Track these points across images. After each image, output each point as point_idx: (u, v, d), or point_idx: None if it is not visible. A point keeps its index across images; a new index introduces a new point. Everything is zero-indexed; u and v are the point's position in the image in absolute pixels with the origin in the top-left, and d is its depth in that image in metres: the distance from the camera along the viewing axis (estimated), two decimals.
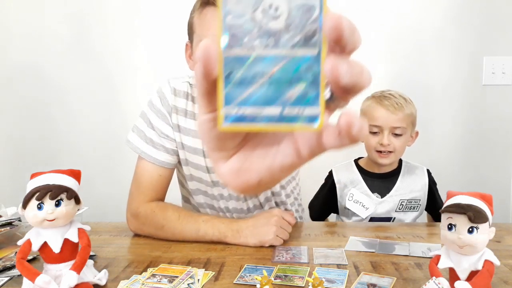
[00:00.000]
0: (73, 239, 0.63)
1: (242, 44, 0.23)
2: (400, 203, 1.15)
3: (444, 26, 1.71)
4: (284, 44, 0.23)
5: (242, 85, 0.23)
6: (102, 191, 1.76)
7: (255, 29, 0.23)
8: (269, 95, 0.23)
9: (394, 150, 1.12)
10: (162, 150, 0.99)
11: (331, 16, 0.22)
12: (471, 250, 0.56)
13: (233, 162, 0.27)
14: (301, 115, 0.23)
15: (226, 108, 0.23)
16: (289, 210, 1.18)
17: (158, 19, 1.74)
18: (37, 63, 1.78)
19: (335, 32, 0.21)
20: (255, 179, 0.27)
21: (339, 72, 0.21)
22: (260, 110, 0.23)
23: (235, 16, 0.23)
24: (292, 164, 0.26)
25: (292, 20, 0.23)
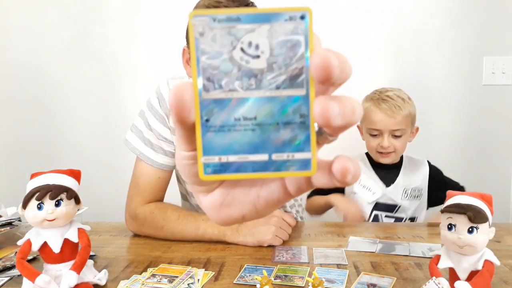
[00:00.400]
0: (73, 239, 0.63)
1: (220, 86, 0.21)
2: (404, 191, 1.19)
3: (444, 26, 1.71)
4: (268, 85, 0.21)
5: (223, 131, 0.21)
6: (102, 191, 1.76)
7: (234, 69, 0.21)
8: (254, 141, 0.21)
9: (394, 150, 1.14)
10: (161, 152, 0.99)
11: (319, 54, 0.20)
12: (471, 250, 0.56)
13: (214, 196, 0.26)
14: (291, 161, 0.21)
15: (206, 157, 0.21)
16: (289, 211, 1.18)
17: (158, 19, 1.74)
18: (37, 63, 1.78)
19: (323, 72, 0.20)
20: (238, 214, 0.26)
21: (330, 115, 0.20)
22: (244, 158, 0.21)
23: (210, 56, 0.21)
24: (278, 200, 0.25)
25: (275, 59, 0.21)
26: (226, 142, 0.21)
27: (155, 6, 1.74)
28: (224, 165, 0.21)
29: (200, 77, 0.21)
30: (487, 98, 1.72)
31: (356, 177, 0.21)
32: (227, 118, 0.21)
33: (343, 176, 0.21)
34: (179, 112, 0.21)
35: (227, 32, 0.21)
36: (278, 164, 0.21)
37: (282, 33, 0.20)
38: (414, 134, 1.21)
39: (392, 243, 0.88)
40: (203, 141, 0.21)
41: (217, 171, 0.22)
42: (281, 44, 0.21)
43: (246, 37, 0.21)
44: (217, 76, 0.21)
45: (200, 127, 0.21)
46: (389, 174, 1.21)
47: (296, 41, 0.20)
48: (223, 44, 0.21)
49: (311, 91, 0.21)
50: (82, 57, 1.77)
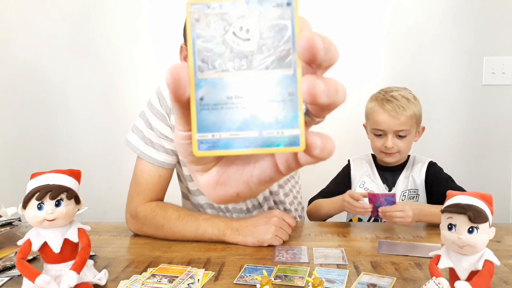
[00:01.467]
0: (73, 239, 0.63)
1: (213, 67, 0.22)
2: (402, 194, 1.18)
3: (444, 26, 1.71)
4: (258, 66, 0.22)
5: (216, 109, 0.23)
6: (102, 191, 1.76)
7: (227, 51, 0.22)
8: (245, 118, 0.22)
9: (399, 151, 1.14)
10: (162, 150, 0.99)
11: (304, 36, 0.21)
12: (471, 250, 0.56)
13: (211, 175, 0.27)
14: (281, 138, 0.22)
15: (200, 134, 0.23)
16: (288, 209, 1.18)
17: (159, 19, 1.74)
18: (38, 63, 1.78)
19: (308, 53, 0.21)
20: (233, 192, 0.27)
21: (316, 91, 0.21)
22: (236, 134, 0.23)
23: (205, 39, 0.22)
24: (270, 178, 0.26)
25: (265, 41, 0.22)
26: (219, 119, 0.23)
27: (156, 6, 1.74)
28: (217, 141, 0.23)
29: (195, 59, 0.23)
30: (487, 98, 1.73)
31: (326, 151, 0.22)
32: (220, 96, 0.22)
33: (309, 150, 0.22)
34: (176, 91, 0.22)
35: (220, 18, 0.22)
36: (268, 141, 0.23)
37: (270, 18, 0.22)
38: (420, 133, 1.20)
39: (392, 243, 0.89)
40: (197, 119, 0.23)
41: (210, 148, 0.23)
42: (269, 28, 0.22)
43: (237, 22, 0.22)
44: (211, 57, 0.22)
45: (194, 105, 0.23)
46: (393, 176, 1.21)
47: (283, 25, 0.22)
48: (217, 29, 0.22)
49: (298, 70, 0.22)
50: (83, 57, 1.77)
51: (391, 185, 1.21)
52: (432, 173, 1.18)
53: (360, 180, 1.22)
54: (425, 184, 1.18)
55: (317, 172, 1.26)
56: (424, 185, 1.18)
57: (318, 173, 1.25)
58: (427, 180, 1.17)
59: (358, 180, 1.23)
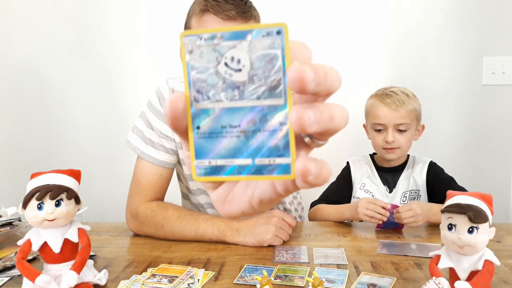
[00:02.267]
0: (73, 239, 0.63)
1: (208, 97, 0.23)
2: (403, 195, 1.17)
3: (444, 26, 1.71)
4: (249, 96, 0.23)
5: (212, 138, 0.23)
6: (102, 191, 1.76)
7: (220, 82, 0.23)
8: (239, 146, 0.23)
9: (399, 146, 1.13)
10: (162, 150, 0.99)
11: (294, 69, 0.21)
12: (471, 250, 0.56)
13: (218, 192, 0.28)
14: (272, 166, 0.23)
15: (198, 160, 0.24)
16: (288, 209, 1.18)
17: (158, 19, 1.74)
18: (37, 63, 1.78)
19: (298, 85, 0.21)
20: (238, 210, 0.28)
21: (305, 122, 0.21)
22: (231, 161, 0.23)
23: (199, 71, 0.23)
24: (270, 199, 0.26)
25: (255, 71, 0.22)
26: (215, 147, 0.24)
27: (155, 6, 1.74)
28: (214, 168, 0.24)
29: (191, 90, 0.23)
30: (487, 98, 1.73)
31: (321, 177, 0.22)
32: (215, 125, 0.23)
33: (304, 176, 0.22)
34: (174, 121, 0.23)
35: (212, 49, 0.23)
36: (261, 168, 0.23)
37: (260, 48, 0.22)
38: (420, 132, 1.20)
39: (392, 243, 0.89)
40: (195, 146, 0.24)
41: (208, 173, 0.24)
42: (260, 58, 0.22)
43: (229, 53, 0.23)
44: (205, 88, 0.23)
45: (192, 134, 0.24)
46: (393, 177, 1.20)
47: (274, 54, 0.22)
48: (209, 60, 0.23)
49: (289, 100, 0.22)
50: (83, 57, 1.77)
51: (391, 186, 1.20)
52: (433, 174, 1.17)
53: (361, 182, 1.21)
54: (427, 184, 1.17)
55: None
56: (425, 185, 1.17)
57: None
58: (428, 181, 1.17)
59: (358, 182, 1.22)
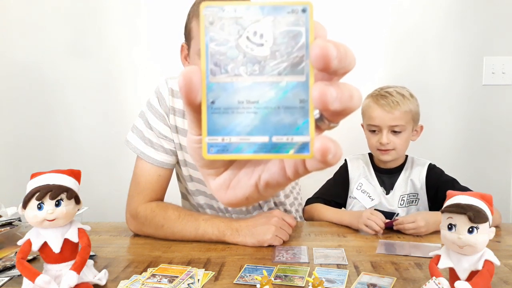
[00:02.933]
0: (73, 239, 0.63)
1: (226, 71, 0.22)
2: (401, 198, 1.16)
3: (444, 26, 1.71)
4: (270, 71, 0.22)
5: (227, 113, 0.23)
6: (102, 191, 1.76)
7: (240, 56, 0.22)
8: (255, 123, 0.23)
9: (394, 148, 1.12)
10: (161, 150, 0.99)
11: (318, 45, 0.21)
12: (471, 250, 0.56)
13: (222, 178, 0.28)
14: (290, 144, 0.22)
15: (210, 137, 0.23)
16: (289, 210, 1.18)
17: (158, 19, 1.74)
18: (37, 63, 1.78)
19: (321, 61, 0.21)
20: (243, 195, 0.27)
21: (328, 99, 0.21)
22: (246, 139, 0.23)
23: (218, 43, 0.22)
24: (277, 183, 0.26)
25: (278, 47, 0.22)
26: (230, 123, 0.23)
27: (155, 6, 1.74)
28: (227, 145, 0.23)
29: (208, 62, 0.22)
30: (487, 98, 1.72)
31: (337, 157, 0.22)
32: (231, 101, 0.23)
33: (323, 155, 0.22)
34: (188, 94, 0.22)
35: (234, 21, 0.22)
36: (278, 147, 0.23)
37: (284, 24, 0.22)
38: (419, 132, 1.19)
39: (392, 243, 0.89)
40: (208, 122, 0.23)
41: (220, 151, 0.23)
42: (283, 34, 0.22)
43: (251, 27, 0.22)
44: (223, 61, 0.22)
45: (206, 108, 0.23)
46: (390, 179, 1.19)
47: (298, 31, 0.22)
48: (231, 33, 0.22)
49: (311, 77, 0.22)
50: (83, 57, 1.77)
51: (388, 188, 1.18)
52: (434, 177, 1.15)
53: (358, 182, 1.20)
54: (427, 188, 1.15)
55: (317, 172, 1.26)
56: (425, 189, 1.15)
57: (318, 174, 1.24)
58: (429, 184, 1.15)
59: (355, 182, 1.21)
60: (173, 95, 1.00)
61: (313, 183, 1.31)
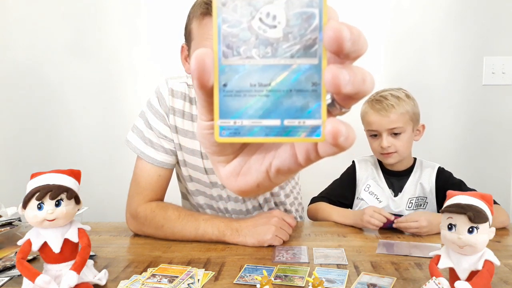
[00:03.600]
0: (73, 239, 0.63)
1: (238, 53, 0.22)
2: (409, 201, 1.16)
3: (444, 26, 1.71)
4: (283, 54, 0.22)
5: (239, 96, 0.22)
6: (102, 191, 1.76)
7: (252, 38, 0.22)
8: (267, 106, 0.22)
9: (396, 150, 1.12)
10: (161, 150, 0.99)
11: (331, 27, 0.21)
12: (471, 250, 0.56)
13: (232, 166, 0.27)
14: (302, 127, 0.22)
15: (222, 120, 0.23)
16: (289, 210, 1.18)
17: (158, 19, 1.74)
18: (37, 63, 1.78)
19: (335, 44, 0.21)
20: (253, 182, 0.27)
21: (341, 82, 0.21)
22: (258, 122, 0.23)
23: (231, 25, 0.22)
24: (288, 169, 0.26)
25: (291, 29, 0.22)
26: (242, 106, 0.23)
27: (155, 6, 1.74)
28: (239, 128, 0.23)
29: (220, 44, 0.22)
30: (487, 98, 1.72)
31: (349, 140, 0.22)
32: (243, 83, 0.22)
33: (335, 138, 0.21)
34: (200, 77, 0.22)
35: (247, 3, 0.22)
36: (290, 130, 0.22)
37: (298, 6, 0.22)
38: (421, 132, 1.19)
39: (392, 243, 0.89)
40: (220, 105, 0.23)
41: (232, 134, 0.23)
42: (297, 16, 0.22)
43: (264, 8, 0.22)
44: (236, 43, 0.22)
45: (218, 91, 0.22)
46: (400, 181, 1.19)
47: (311, 13, 0.22)
48: (243, 14, 0.22)
49: (324, 60, 0.22)
50: (82, 57, 1.77)
51: (397, 191, 1.18)
52: (443, 180, 1.15)
53: (365, 183, 1.20)
54: (436, 191, 1.14)
55: (317, 173, 1.26)
56: (434, 192, 1.15)
57: (319, 174, 1.25)
58: (438, 187, 1.14)
59: (363, 183, 1.21)
60: (173, 95, 1.00)
61: (314, 183, 1.31)
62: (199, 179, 1.05)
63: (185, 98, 1.01)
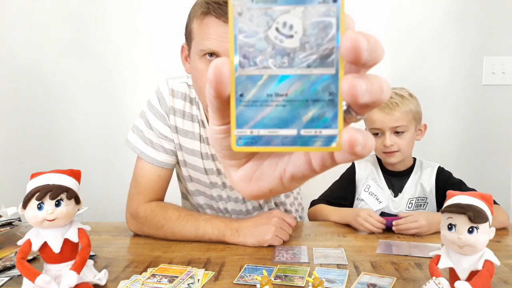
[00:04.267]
0: (73, 239, 0.63)
1: (255, 63, 0.22)
2: (409, 201, 1.15)
3: (444, 26, 1.71)
4: (300, 64, 0.22)
5: (256, 106, 0.22)
6: (102, 191, 1.76)
7: (269, 48, 0.22)
8: (284, 116, 0.22)
9: (399, 149, 1.12)
10: (161, 150, 0.99)
11: (349, 37, 0.20)
12: (471, 250, 0.56)
13: (244, 170, 0.27)
14: (318, 137, 0.22)
15: (239, 130, 0.23)
16: (289, 210, 1.18)
17: (158, 18, 1.74)
18: (37, 63, 1.78)
19: (352, 54, 0.20)
20: (266, 187, 0.27)
21: (357, 92, 0.21)
22: (274, 132, 0.23)
23: (247, 35, 0.22)
24: (303, 175, 0.25)
25: (308, 39, 0.22)
26: (258, 116, 0.23)
27: (155, 6, 1.74)
28: (255, 138, 0.23)
29: (236, 54, 0.22)
30: (487, 98, 1.72)
31: (368, 148, 0.22)
32: (260, 93, 0.22)
33: (351, 147, 0.21)
34: (217, 87, 0.22)
35: (264, 12, 0.22)
36: (306, 139, 0.23)
37: (315, 15, 0.22)
38: (423, 132, 1.19)
39: (392, 243, 0.89)
40: (236, 115, 0.23)
41: (249, 143, 0.23)
42: (314, 25, 0.22)
43: (281, 18, 0.22)
44: (252, 53, 0.22)
45: (234, 101, 0.22)
46: (400, 181, 1.18)
47: (328, 22, 0.21)
48: (260, 24, 0.22)
49: (340, 70, 0.22)
50: (82, 57, 1.77)
51: (397, 191, 1.17)
52: (443, 180, 1.14)
53: (365, 184, 1.19)
54: (436, 191, 1.14)
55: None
56: (434, 193, 1.14)
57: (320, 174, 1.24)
58: (438, 187, 1.14)
59: (363, 184, 1.20)
60: (173, 95, 1.00)
61: (314, 183, 1.30)
62: (199, 179, 1.05)
63: (186, 98, 1.01)
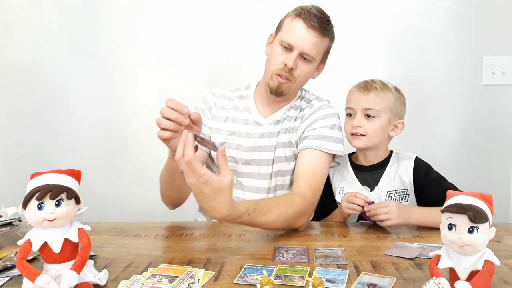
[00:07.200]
0: (73, 239, 0.63)
1: None
2: (388, 194, 1.13)
3: (444, 26, 1.71)
4: None
5: None
6: (102, 191, 1.76)
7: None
8: None
9: (366, 133, 1.11)
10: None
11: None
12: (471, 250, 0.56)
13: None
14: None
15: None
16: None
17: (158, 18, 1.74)
18: (37, 63, 1.78)
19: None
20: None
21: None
22: None
23: None
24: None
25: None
26: None
27: (156, 6, 1.74)
28: None
29: None
30: (487, 98, 1.73)
31: None
32: None
33: None
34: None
35: None
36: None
37: None
38: (400, 129, 1.16)
39: (392, 243, 0.89)
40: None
41: None
42: None
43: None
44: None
45: None
46: (373, 175, 1.16)
47: None
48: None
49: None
50: (82, 57, 1.77)
51: (372, 185, 1.15)
52: (420, 173, 1.12)
53: (339, 186, 1.18)
54: (414, 184, 1.12)
55: None
56: (412, 184, 1.12)
57: None
58: (415, 180, 1.12)
59: (338, 187, 1.19)
60: (215, 95, 1.23)
61: None
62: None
63: (224, 97, 1.24)
